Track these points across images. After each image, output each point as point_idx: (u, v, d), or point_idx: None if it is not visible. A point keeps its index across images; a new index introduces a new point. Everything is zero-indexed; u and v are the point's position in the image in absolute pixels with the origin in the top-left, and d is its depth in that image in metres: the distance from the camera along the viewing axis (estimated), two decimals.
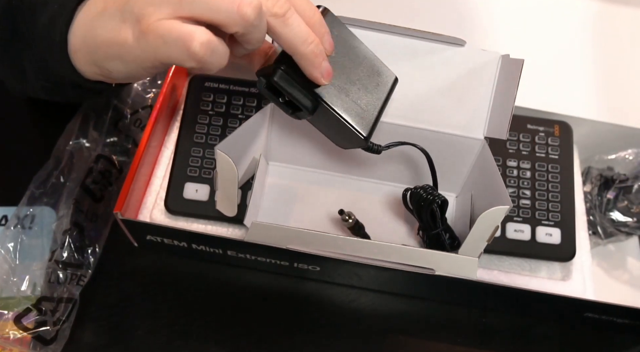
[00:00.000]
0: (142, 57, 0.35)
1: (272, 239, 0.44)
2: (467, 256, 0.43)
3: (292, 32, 0.36)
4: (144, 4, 0.34)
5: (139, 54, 0.35)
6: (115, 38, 0.35)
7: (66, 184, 0.52)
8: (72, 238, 0.49)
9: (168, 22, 0.33)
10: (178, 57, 0.34)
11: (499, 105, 0.46)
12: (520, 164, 0.52)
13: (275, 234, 0.43)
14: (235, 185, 0.43)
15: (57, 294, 0.47)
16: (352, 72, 0.41)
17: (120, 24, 0.35)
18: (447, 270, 0.44)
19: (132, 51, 0.35)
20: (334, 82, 0.39)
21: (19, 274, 0.48)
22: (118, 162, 0.54)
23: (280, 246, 0.44)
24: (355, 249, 0.43)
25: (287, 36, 0.36)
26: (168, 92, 0.52)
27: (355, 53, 0.42)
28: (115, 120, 0.56)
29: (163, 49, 0.34)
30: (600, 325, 0.52)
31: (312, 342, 0.50)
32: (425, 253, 0.43)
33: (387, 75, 0.43)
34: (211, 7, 0.33)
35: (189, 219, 0.50)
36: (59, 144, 0.54)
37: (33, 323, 0.46)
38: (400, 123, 0.47)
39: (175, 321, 0.50)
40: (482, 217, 0.41)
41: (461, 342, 0.52)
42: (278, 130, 0.49)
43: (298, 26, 0.36)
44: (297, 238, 0.43)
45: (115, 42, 0.36)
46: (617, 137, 0.56)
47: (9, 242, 0.49)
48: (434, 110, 0.47)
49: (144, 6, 0.34)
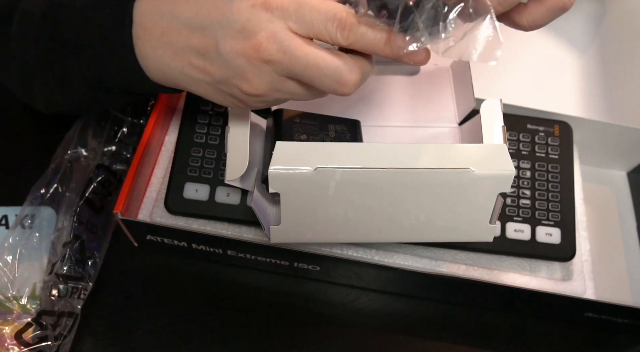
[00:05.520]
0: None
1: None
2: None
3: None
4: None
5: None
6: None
7: (65, 195, 0.51)
8: (72, 251, 0.48)
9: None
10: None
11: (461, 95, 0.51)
12: (520, 164, 0.52)
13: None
14: (246, 133, 0.42)
15: (57, 308, 0.47)
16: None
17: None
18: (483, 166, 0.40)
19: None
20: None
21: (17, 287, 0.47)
22: (117, 172, 0.54)
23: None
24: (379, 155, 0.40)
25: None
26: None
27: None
28: (114, 130, 0.56)
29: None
30: (600, 325, 0.52)
31: (312, 342, 0.50)
32: (457, 148, 0.41)
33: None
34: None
35: (189, 219, 0.50)
36: (58, 153, 0.53)
37: (34, 338, 0.45)
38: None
39: (175, 321, 0.50)
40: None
41: (461, 342, 0.52)
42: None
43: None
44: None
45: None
46: (617, 137, 0.56)
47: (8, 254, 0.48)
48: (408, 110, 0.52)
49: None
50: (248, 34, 0.34)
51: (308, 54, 0.34)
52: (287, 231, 0.41)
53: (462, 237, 0.43)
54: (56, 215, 0.50)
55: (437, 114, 0.52)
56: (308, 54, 0.34)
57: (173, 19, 0.36)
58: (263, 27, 0.33)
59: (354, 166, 0.38)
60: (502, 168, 0.39)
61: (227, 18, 0.34)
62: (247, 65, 0.34)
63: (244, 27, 0.34)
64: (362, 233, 0.42)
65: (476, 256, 0.51)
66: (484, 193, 0.40)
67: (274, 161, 0.37)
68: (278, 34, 0.33)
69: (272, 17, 0.33)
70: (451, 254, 0.51)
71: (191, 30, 0.35)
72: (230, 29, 0.34)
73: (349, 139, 0.47)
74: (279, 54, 0.34)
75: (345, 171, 0.38)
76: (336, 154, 0.38)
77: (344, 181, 0.38)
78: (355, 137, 0.47)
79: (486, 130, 0.44)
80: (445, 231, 0.42)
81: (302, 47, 0.34)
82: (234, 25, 0.34)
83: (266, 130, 0.48)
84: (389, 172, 0.38)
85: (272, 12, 0.33)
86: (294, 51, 0.34)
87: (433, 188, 0.39)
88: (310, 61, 0.34)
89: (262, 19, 0.33)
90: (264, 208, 0.44)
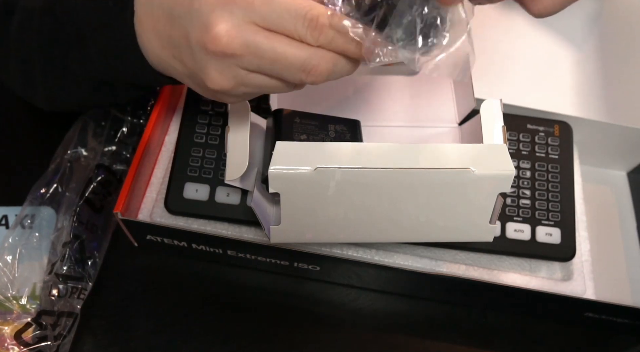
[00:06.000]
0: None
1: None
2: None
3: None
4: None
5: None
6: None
7: (65, 195, 0.51)
8: (72, 251, 0.48)
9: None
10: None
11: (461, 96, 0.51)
12: (520, 163, 0.52)
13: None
14: (246, 133, 0.42)
15: (57, 308, 0.46)
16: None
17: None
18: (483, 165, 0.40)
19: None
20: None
21: (17, 287, 0.47)
22: (117, 172, 0.54)
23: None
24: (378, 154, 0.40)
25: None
26: (168, 92, 0.52)
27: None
28: (114, 130, 0.56)
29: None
30: (600, 325, 0.52)
31: (312, 342, 0.50)
32: (456, 148, 0.40)
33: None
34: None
35: (189, 219, 0.50)
36: (58, 153, 0.53)
37: (33, 338, 0.45)
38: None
39: (175, 321, 0.50)
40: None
41: (461, 342, 0.52)
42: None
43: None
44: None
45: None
46: (617, 137, 0.56)
47: (8, 254, 0.48)
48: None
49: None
50: (209, 26, 0.32)
51: (275, 47, 0.33)
52: (287, 231, 0.41)
53: (462, 237, 0.43)
54: (56, 215, 0.50)
55: (437, 114, 0.52)
56: (275, 48, 0.33)
57: (160, 10, 0.35)
58: (224, 19, 0.32)
59: (354, 166, 0.38)
60: (502, 168, 0.39)
61: (196, 9, 0.33)
62: (209, 59, 0.33)
63: (207, 19, 0.32)
64: (362, 233, 0.42)
65: (476, 256, 0.51)
66: (484, 193, 0.40)
67: (274, 161, 0.37)
68: (240, 27, 0.32)
69: (236, 10, 0.32)
70: (451, 254, 0.51)
71: (171, 21, 0.35)
72: (197, 21, 0.33)
73: (349, 139, 0.47)
74: (242, 48, 0.32)
75: (345, 171, 0.38)
76: (336, 154, 0.38)
77: (344, 181, 0.38)
78: (355, 137, 0.47)
79: (486, 130, 0.44)
80: (445, 231, 0.42)
81: (267, 40, 0.32)
82: (200, 17, 0.33)
83: (266, 130, 0.48)
84: (389, 172, 0.38)
85: (236, 4, 0.32)
86: (259, 45, 0.32)
87: (433, 188, 0.39)
88: (279, 54, 0.33)
89: (226, 11, 0.32)
90: (264, 208, 0.44)
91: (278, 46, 0.33)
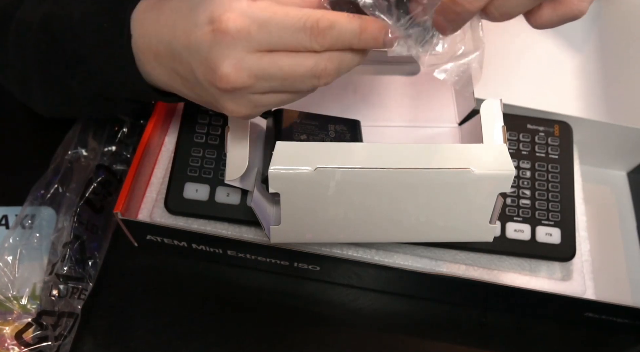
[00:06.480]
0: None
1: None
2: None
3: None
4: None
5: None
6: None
7: (65, 195, 0.51)
8: (73, 251, 0.48)
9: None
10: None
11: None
12: (520, 163, 0.52)
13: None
14: (246, 133, 0.42)
15: (58, 308, 0.46)
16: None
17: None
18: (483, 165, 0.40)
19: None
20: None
21: (18, 287, 0.47)
22: (117, 172, 0.54)
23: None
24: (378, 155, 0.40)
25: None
26: None
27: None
28: (114, 130, 0.56)
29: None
30: (600, 325, 0.52)
31: (312, 342, 0.50)
32: (457, 148, 0.40)
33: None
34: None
35: (189, 219, 0.50)
36: (58, 153, 0.53)
37: (34, 338, 0.45)
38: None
39: (175, 321, 0.50)
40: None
41: (461, 342, 0.52)
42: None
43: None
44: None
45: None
46: (617, 137, 0.56)
47: (8, 254, 0.48)
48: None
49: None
50: (213, 65, 0.32)
51: (282, 67, 0.32)
52: (287, 231, 0.41)
53: (462, 237, 0.43)
54: (56, 215, 0.50)
55: (437, 114, 0.52)
56: (282, 67, 0.32)
57: (160, 45, 0.35)
58: (226, 56, 0.32)
59: (353, 166, 0.38)
60: (502, 168, 0.39)
61: (193, 45, 0.33)
62: (221, 94, 0.34)
63: (207, 56, 0.32)
64: (362, 233, 0.42)
65: (476, 256, 0.51)
66: (484, 193, 0.40)
67: (274, 161, 0.37)
68: (244, 59, 0.32)
69: (234, 43, 0.32)
70: (451, 254, 0.51)
71: (173, 55, 0.35)
72: (197, 57, 0.33)
73: (349, 139, 0.47)
74: (251, 79, 0.33)
75: (345, 171, 0.38)
76: (336, 154, 0.38)
77: (343, 181, 0.38)
78: (355, 137, 0.47)
79: (486, 130, 0.44)
80: (445, 231, 0.42)
81: (273, 62, 0.32)
82: (200, 53, 0.33)
83: (266, 130, 0.48)
84: (389, 172, 0.38)
85: (232, 36, 0.31)
86: (266, 71, 0.32)
87: (433, 188, 0.39)
88: (287, 73, 0.33)
89: (224, 47, 0.32)
90: (264, 208, 0.44)
91: (284, 65, 0.33)
